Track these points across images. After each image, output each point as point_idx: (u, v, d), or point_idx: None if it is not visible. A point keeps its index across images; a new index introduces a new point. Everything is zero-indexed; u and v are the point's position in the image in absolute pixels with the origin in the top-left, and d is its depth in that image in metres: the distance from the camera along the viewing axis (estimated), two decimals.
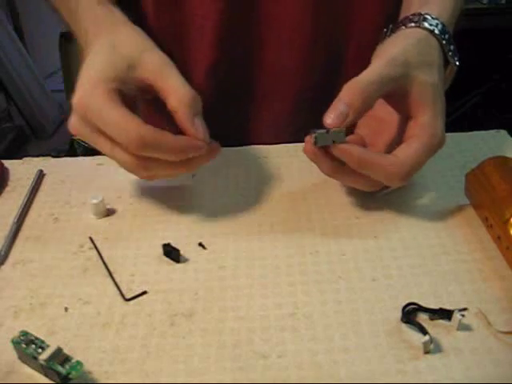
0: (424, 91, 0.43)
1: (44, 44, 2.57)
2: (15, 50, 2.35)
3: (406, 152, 0.42)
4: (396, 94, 0.43)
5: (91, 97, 0.41)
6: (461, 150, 0.55)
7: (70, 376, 0.32)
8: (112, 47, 0.43)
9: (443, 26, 0.46)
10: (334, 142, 0.41)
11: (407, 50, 0.44)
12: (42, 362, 0.32)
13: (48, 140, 2.38)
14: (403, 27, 0.47)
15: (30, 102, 2.34)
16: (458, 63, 0.48)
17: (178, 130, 0.43)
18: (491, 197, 0.43)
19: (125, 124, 0.40)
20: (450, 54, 0.47)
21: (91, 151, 0.48)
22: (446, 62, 0.47)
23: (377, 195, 0.47)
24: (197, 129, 0.42)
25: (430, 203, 0.48)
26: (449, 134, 0.57)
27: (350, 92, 0.41)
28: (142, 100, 0.46)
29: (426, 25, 0.46)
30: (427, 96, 0.43)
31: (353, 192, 0.49)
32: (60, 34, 2.13)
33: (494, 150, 0.54)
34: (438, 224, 0.45)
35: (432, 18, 0.46)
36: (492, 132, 0.57)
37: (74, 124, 0.43)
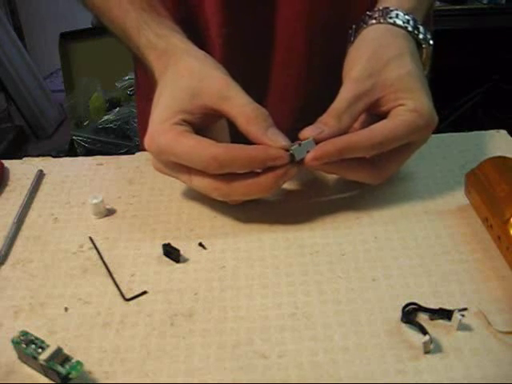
0: (399, 85, 0.44)
1: (44, 44, 2.57)
2: (15, 49, 2.35)
3: (382, 124, 0.43)
4: (375, 103, 0.44)
5: (159, 136, 0.42)
6: (461, 150, 0.55)
7: (70, 376, 0.32)
8: (173, 81, 0.44)
9: (404, 14, 0.47)
10: (307, 151, 0.42)
11: (368, 58, 0.45)
12: (42, 362, 0.32)
13: (48, 140, 2.39)
14: (364, 25, 0.48)
15: (30, 102, 2.35)
16: (431, 42, 0.48)
17: None
18: (491, 197, 0.43)
19: (195, 149, 0.41)
20: (421, 36, 0.47)
21: (91, 151, 0.49)
22: (421, 45, 0.48)
23: None
24: (273, 140, 0.41)
25: (430, 203, 0.47)
26: (449, 134, 0.58)
27: (326, 117, 0.43)
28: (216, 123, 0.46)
29: (387, 19, 0.46)
30: (404, 86, 0.44)
31: (353, 192, 0.49)
32: (60, 34, 2.13)
33: (494, 150, 0.54)
34: (438, 224, 0.45)
35: (391, 10, 0.47)
36: (492, 132, 0.57)
37: (153, 163, 0.45)
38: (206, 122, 0.44)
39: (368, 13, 0.48)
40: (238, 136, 0.44)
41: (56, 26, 2.33)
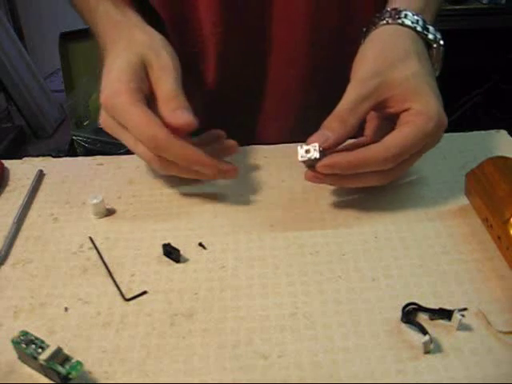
0: (406, 86, 0.43)
1: (44, 44, 2.57)
2: (15, 49, 2.35)
3: (393, 136, 0.43)
4: (381, 104, 0.44)
5: (116, 97, 0.44)
6: (461, 150, 0.55)
7: (70, 376, 0.32)
8: (128, 48, 0.47)
9: (413, 14, 0.47)
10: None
11: (374, 59, 0.45)
12: (42, 362, 0.32)
13: (48, 140, 2.38)
14: (373, 27, 0.48)
15: (30, 102, 2.34)
16: (442, 42, 0.48)
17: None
18: (491, 197, 0.43)
19: (141, 123, 0.43)
20: (430, 36, 0.47)
21: (91, 151, 0.50)
22: (431, 46, 0.48)
23: None
24: (176, 118, 0.43)
25: (430, 203, 0.47)
26: (449, 134, 0.57)
27: (330, 120, 0.44)
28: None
29: (396, 20, 0.47)
30: (411, 88, 0.43)
31: (353, 192, 0.49)
32: (60, 34, 2.13)
33: (494, 150, 0.54)
34: (438, 224, 0.45)
35: (400, 10, 0.47)
36: (492, 132, 0.58)
37: (103, 119, 0.47)
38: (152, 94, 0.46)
39: (377, 14, 0.48)
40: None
41: (56, 26, 2.33)
